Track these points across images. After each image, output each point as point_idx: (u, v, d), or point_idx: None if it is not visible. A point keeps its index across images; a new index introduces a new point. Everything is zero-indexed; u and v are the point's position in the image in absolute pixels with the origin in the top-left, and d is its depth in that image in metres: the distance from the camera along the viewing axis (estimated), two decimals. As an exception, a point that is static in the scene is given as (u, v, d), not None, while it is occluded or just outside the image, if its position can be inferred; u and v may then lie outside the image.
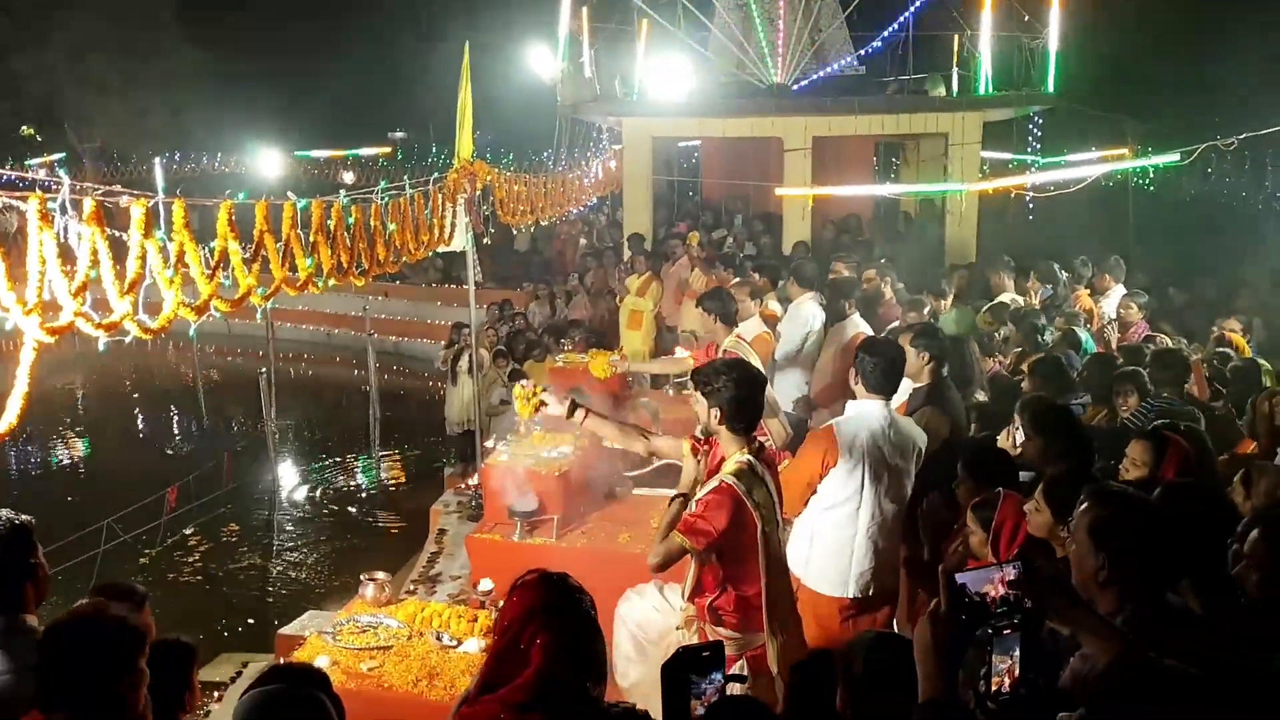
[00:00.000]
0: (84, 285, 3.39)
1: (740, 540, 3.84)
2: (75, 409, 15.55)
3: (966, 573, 2.13)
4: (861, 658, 2.58)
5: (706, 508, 3.83)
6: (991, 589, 2.10)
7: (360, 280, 5.85)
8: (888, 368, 4.52)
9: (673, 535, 3.83)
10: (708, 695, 2.47)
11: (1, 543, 2.96)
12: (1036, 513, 3.50)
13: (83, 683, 2.50)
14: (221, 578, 9.28)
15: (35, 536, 3.05)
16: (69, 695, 2.49)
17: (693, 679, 2.44)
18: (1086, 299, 9.00)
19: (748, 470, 3.88)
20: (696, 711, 2.44)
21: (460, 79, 7.90)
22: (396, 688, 3.98)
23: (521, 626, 2.63)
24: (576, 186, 14.91)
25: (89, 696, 2.49)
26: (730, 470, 3.89)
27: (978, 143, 12.87)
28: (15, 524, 3.00)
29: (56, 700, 2.50)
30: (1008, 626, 2.09)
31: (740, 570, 3.90)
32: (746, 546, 3.85)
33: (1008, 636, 2.08)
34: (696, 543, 3.79)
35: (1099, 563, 2.60)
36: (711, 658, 2.50)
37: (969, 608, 2.07)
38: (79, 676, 2.50)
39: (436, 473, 11.10)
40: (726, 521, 3.78)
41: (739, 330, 6.45)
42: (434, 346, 16.54)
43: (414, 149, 34.58)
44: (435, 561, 7.34)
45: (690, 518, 3.84)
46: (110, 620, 2.61)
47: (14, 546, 2.97)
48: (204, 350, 17.13)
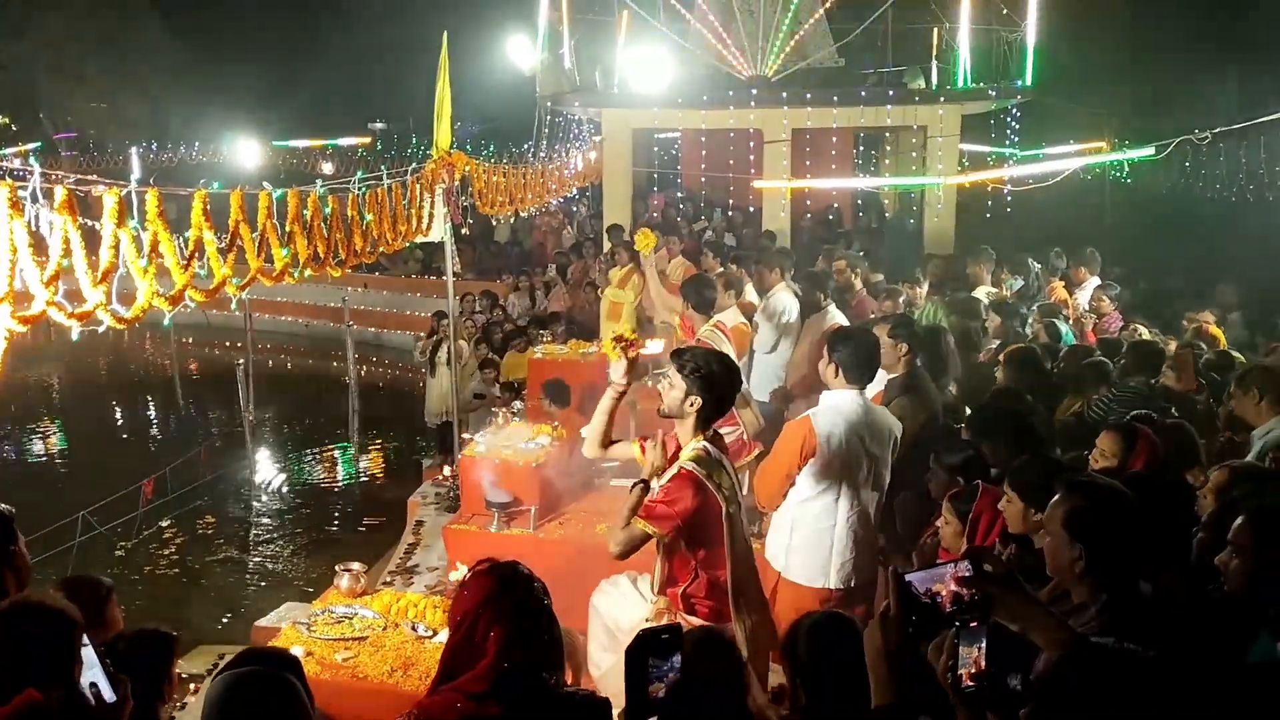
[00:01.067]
0: (56, 274, 3.36)
1: (706, 523, 3.87)
2: (52, 400, 15.44)
3: (916, 572, 2.10)
4: (805, 639, 2.59)
5: (668, 493, 3.85)
6: (942, 588, 2.09)
7: (337, 271, 5.81)
8: (863, 358, 4.53)
9: (635, 522, 3.83)
10: (668, 678, 2.49)
11: None
12: (1009, 504, 3.53)
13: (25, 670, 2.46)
14: (198, 570, 9.23)
15: (15, 525, 3.01)
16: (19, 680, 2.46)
17: (652, 662, 2.46)
18: (1061, 290, 9.09)
19: (705, 455, 3.91)
20: (658, 694, 2.46)
21: (438, 71, 7.88)
22: (371, 678, 3.98)
23: (475, 618, 2.64)
24: (557, 177, 14.88)
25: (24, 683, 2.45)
26: (689, 456, 3.92)
27: (956, 135, 12.94)
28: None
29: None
30: (973, 619, 2.09)
31: (711, 554, 3.93)
32: (712, 530, 3.88)
33: (974, 629, 2.07)
34: (662, 528, 3.81)
35: (1076, 554, 2.62)
36: (670, 640, 2.51)
37: (919, 609, 2.03)
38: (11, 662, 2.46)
39: (415, 464, 11.08)
40: (691, 505, 3.80)
41: (719, 318, 6.47)
42: (413, 338, 16.52)
43: (394, 139, 34.40)
44: (413, 553, 7.33)
45: (652, 503, 3.86)
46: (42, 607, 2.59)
47: None
48: (182, 342, 17.04)
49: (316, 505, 11.00)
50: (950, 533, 3.79)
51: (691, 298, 6.37)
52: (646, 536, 3.84)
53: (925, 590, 2.06)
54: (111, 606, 3.26)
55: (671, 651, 2.48)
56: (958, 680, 2.05)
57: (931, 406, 5.24)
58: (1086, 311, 8.51)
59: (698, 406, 3.94)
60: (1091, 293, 8.89)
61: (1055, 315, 7.69)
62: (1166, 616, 2.67)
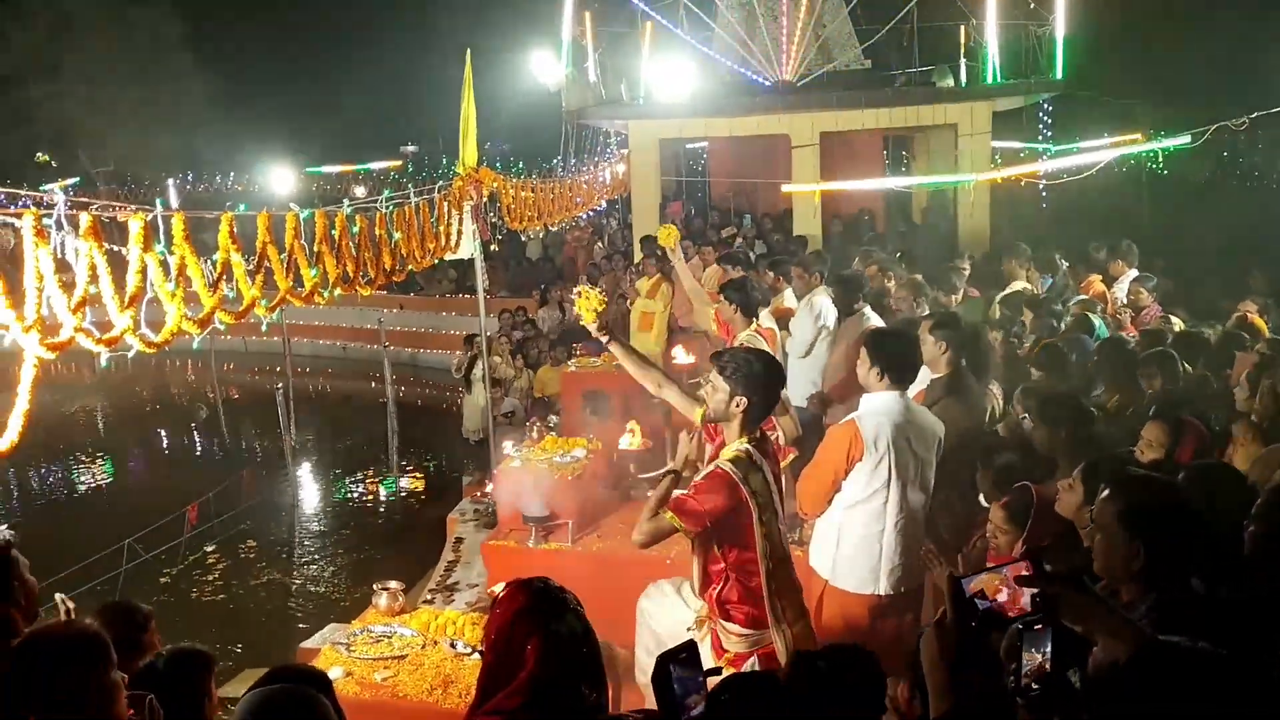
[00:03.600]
0: (83, 301, 3.37)
1: (736, 527, 3.79)
2: (96, 431, 15.62)
3: (971, 576, 2.03)
4: None
5: (699, 490, 3.79)
6: (1000, 591, 2.01)
7: (367, 289, 5.83)
8: (904, 358, 4.44)
9: (662, 513, 3.77)
10: (702, 690, 2.44)
11: None
12: (1069, 491, 3.44)
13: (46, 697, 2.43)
14: (243, 594, 9.28)
15: (15, 553, 2.94)
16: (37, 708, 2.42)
17: (677, 675, 2.42)
18: (1099, 284, 8.91)
19: (745, 458, 3.83)
20: (696, 708, 2.41)
21: (463, 87, 7.91)
22: (411, 697, 3.94)
23: (510, 632, 2.59)
24: (585, 191, 14.89)
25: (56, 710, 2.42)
26: (728, 456, 3.84)
27: (987, 133, 12.78)
28: None
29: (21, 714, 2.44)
30: (1038, 622, 2.01)
31: (740, 557, 3.84)
32: (744, 534, 3.80)
33: (1037, 632, 2.00)
34: (688, 523, 3.74)
35: (1132, 551, 2.54)
36: (689, 658, 2.47)
37: (978, 615, 1.97)
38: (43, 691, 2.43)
39: (455, 482, 11.09)
40: (720, 506, 3.73)
41: (758, 323, 6.39)
42: (449, 357, 16.54)
43: (425, 161, 34.71)
44: (452, 570, 7.31)
45: (682, 497, 3.80)
46: (72, 633, 2.56)
47: None
48: (221, 368, 17.21)
49: (357, 526, 11.03)
50: (1006, 541, 3.66)
51: (736, 300, 6.27)
52: (672, 530, 3.78)
53: (982, 594, 1.99)
54: (150, 634, 3.25)
55: (693, 666, 2.44)
56: (1022, 684, 1.97)
57: (976, 407, 5.12)
58: (1123, 304, 8.34)
59: (743, 407, 3.87)
60: (1129, 285, 8.73)
61: (1091, 309, 7.54)
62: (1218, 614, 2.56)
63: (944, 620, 1.99)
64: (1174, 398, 5.14)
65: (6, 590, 2.91)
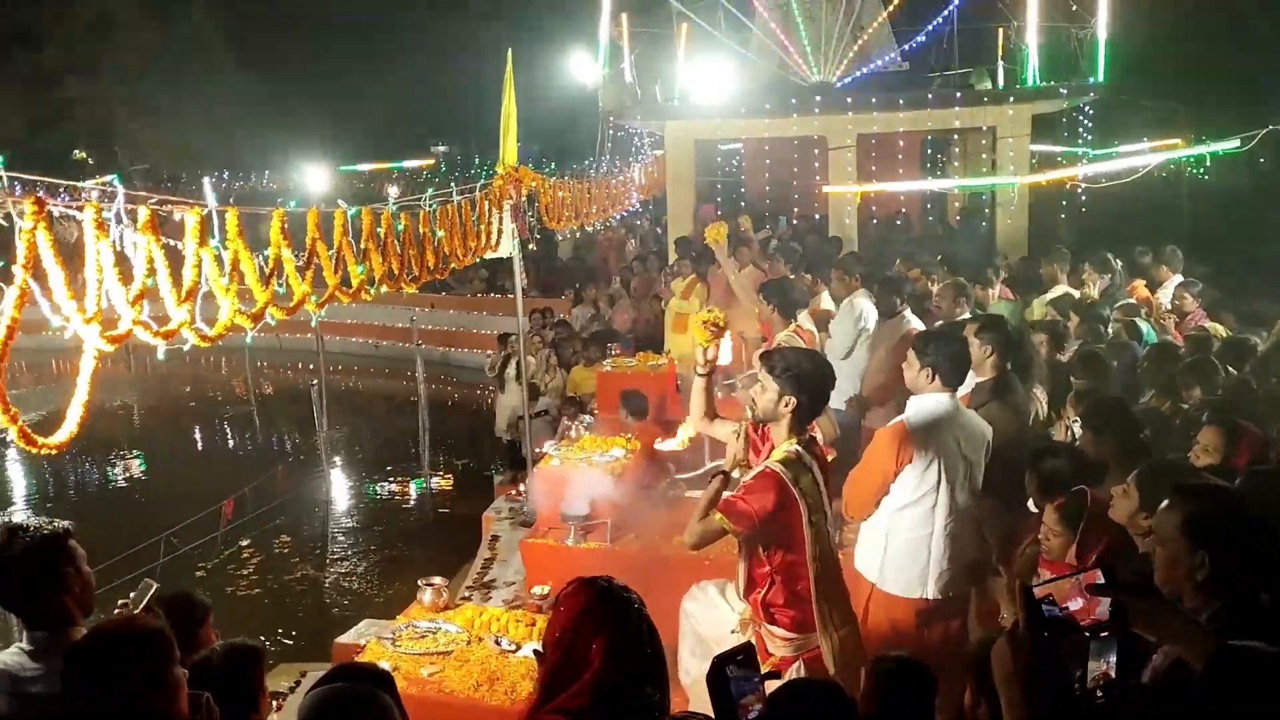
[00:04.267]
0: (141, 294, 3.39)
1: (785, 528, 3.76)
2: (132, 426, 15.78)
3: (1042, 584, 2.01)
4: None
5: (748, 491, 3.76)
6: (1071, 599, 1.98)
7: (411, 287, 5.85)
8: (956, 359, 4.40)
9: (712, 515, 3.75)
10: (758, 690, 2.44)
11: (30, 554, 2.84)
12: (1124, 497, 3.39)
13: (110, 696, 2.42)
14: (277, 589, 9.33)
15: (72, 543, 2.93)
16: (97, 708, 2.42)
17: (732, 673, 2.42)
18: (1143, 289, 8.82)
19: (795, 459, 3.80)
20: (752, 709, 2.41)
21: (504, 87, 7.92)
22: (457, 693, 3.94)
23: (575, 631, 2.57)
24: (619, 191, 14.89)
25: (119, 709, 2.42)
26: (778, 457, 3.81)
27: (1026, 136, 12.68)
28: (44, 534, 2.88)
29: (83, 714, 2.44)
30: (1105, 630, 1.99)
31: (787, 560, 3.81)
32: (793, 536, 3.77)
33: (1104, 639, 1.98)
34: (737, 525, 3.72)
35: (1197, 561, 2.50)
36: (745, 660, 2.47)
37: (1050, 624, 1.94)
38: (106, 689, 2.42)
39: (486, 481, 11.12)
40: (769, 507, 3.70)
41: (796, 324, 6.36)
42: (481, 356, 16.59)
43: (456, 161, 34.87)
44: (489, 568, 7.32)
45: (731, 498, 3.78)
46: (138, 629, 2.56)
47: (43, 558, 2.85)
48: (256, 365, 17.36)
49: (389, 523, 11.09)
50: (1059, 545, 3.61)
51: (775, 300, 6.24)
52: (722, 532, 3.76)
53: (1051, 601, 1.96)
54: (206, 628, 3.27)
55: (750, 668, 2.44)
56: (1089, 693, 1.94)
57: (1022, 411, 5.07)
58: (1168, 310, 8.25)
59: (793, 407, 3.85)
60: (1174, 291, 8.64)
61: (1136, 314, 7.46)
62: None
63: (1017, 630, 1.95)
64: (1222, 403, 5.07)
65: (60, 578, 2.89)
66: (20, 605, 2.90)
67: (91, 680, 2.44)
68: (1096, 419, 4.26)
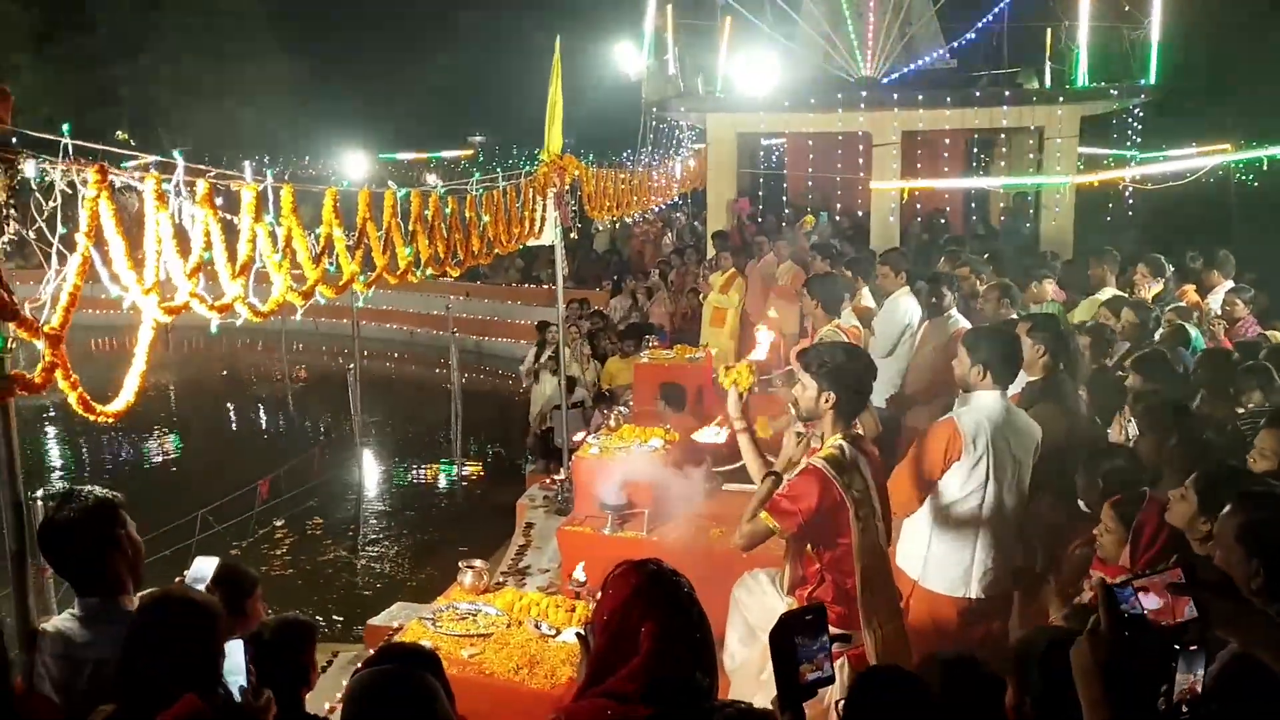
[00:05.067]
0: (198, 266, 3.40)
1: (833, 525, 3.70)
2: (169, 406, 15.95)
3: (1120, 582, 1.96)
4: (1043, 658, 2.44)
5: (793, 489, 3.71)
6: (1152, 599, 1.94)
7: (455, 271, 5.86)
8: (1007, 357, 4.34)
9: (759, 515, 3.71)
10: (817, 659, 2.36)
11: (86, 516, 2.86)
12: (1181, 501, 3.32)
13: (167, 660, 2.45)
14: (310, 570, 9.41)
15: (123, 511, 2.95)
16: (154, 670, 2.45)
17: (800, 642, 2.35)
18: (1193, 294, 8.67)
19: (839, 455, 3.75)
20: (807, 676, 2.34)
21: (550, 75, 7.91)
22: (497, 675, 3.94)
23: (625, 613, 2.53)
24: (660, 183, 14.86)
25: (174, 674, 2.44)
26: (822, 454, 3.76)
27: (1075, 137, 12.49)
28: (98, 497, 2.91)
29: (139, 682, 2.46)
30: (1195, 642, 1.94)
31: (835, 557, 3.76)
32: (839, 533, 3.72)
33: (1194, 652, 1.93)
34: (783, 524, 3.66)
35: (1253, 569, 2.45)
36: (814, 620, 2.39)
37: (1130, 624, 1.90)
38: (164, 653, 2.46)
39: (517, 470, 11.15)
40: (814, 505, 3.65)
41: (839, 320, 6.30)
42: (515, 345, 16.67)
43: (495, 151, 34.96)
44: (524, 554, 7.32)
45: (777, 498, 3.73)
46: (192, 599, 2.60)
47: (97, 521, 2.88)
48: (292, 348, 17.50)
49: (420, 508, 11.15)
50: (1111, 541, 3.55)
51: (819, 295, 6.19)
52: (769, 532, 3.70)
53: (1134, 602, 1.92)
54: (254, 601, 3.28)
55: (818, 631, 2.38)
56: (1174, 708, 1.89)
57: (1073, 412, 4.99)
58: (1217, 316, 8.10)
59: (833, 402, 3.80)
60: (1224, 296, 8.48)
61: (1186, 319, 7.32)
62: None
63: (1097, 628, 1.92)
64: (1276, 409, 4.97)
65: (114, 542, 2.91)
66: (74, 570, 2.92)
67: (152, 643, 2.45)
68: (1156, 421, 4.17)
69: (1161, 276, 8.20)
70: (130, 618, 2.67)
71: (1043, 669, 2.41)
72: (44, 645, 2.82)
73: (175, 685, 2.39)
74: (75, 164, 2.91)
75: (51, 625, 2.87)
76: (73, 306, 2.87)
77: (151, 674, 2.42)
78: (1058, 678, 2.28)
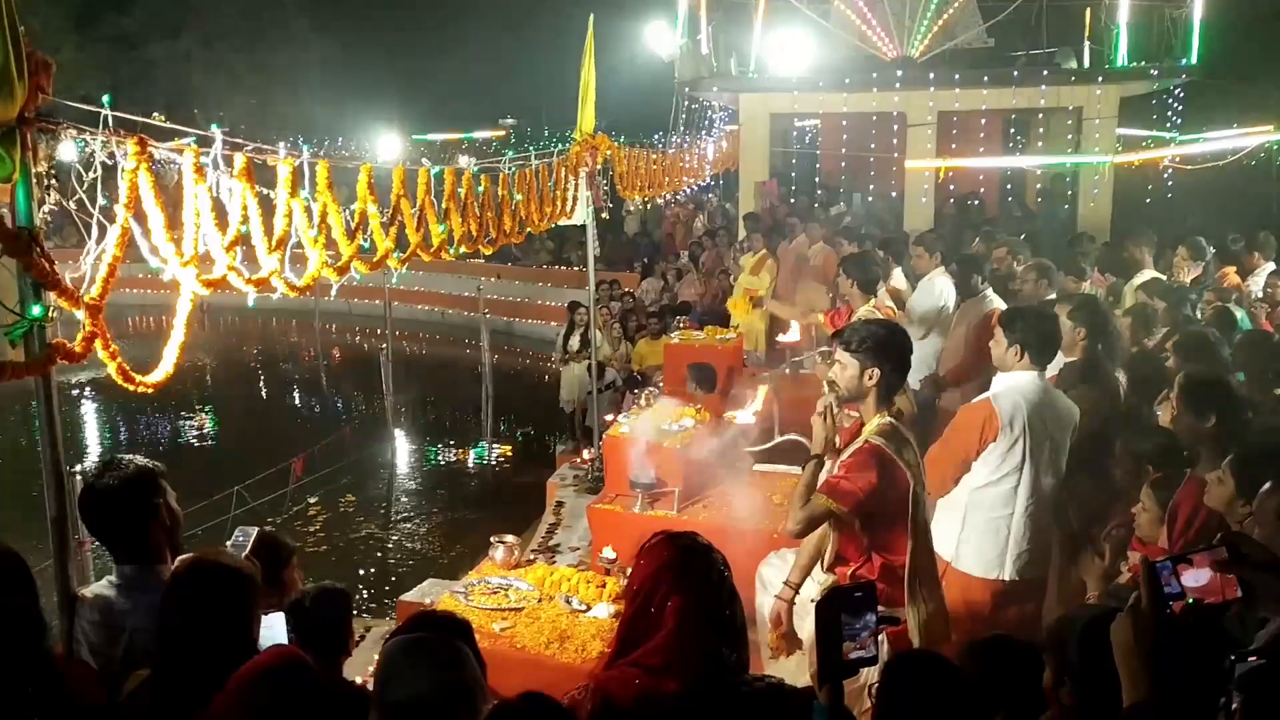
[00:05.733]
0: (236, 240, 3.42)
1: (889, 502, 3.66)
2: (204, 385, 16.14)
3: (1164, 560, 1.95)
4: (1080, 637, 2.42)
5: (850, 469, 3.65)
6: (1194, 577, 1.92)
7: (489, 249, 5.86)
8: (1045, 337, 4.28)
9: (815, 498, 3.64)
10: (862, 638, 2.37)
11: (126, 484, 2.89)
12: (1219, 484, 3.27)
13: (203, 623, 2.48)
14: (343, 546, 9.51)
15: (163, 480, 2.98)
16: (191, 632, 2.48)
17: (845, 620, 2.35)
18: (1234, 276, 8.52)
19: (892, 430, 3.71)
20: (849, 654, 2.35)
21: (584, 54, 7.89)
22: (529, 648, 3.96)
23: (653, 588, 2.56)
24: (692, 164, 14.78)
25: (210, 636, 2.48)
26: (874, 430, 3.72)
27: (1114, 118, 12.30)
28: (139, 465, 2.95)
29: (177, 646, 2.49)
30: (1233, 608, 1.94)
31: (887, 536, 3.72)
32: (895, 510, 3.67)
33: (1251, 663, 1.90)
34: (844, 504, 3.61)
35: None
36: (864, 599, 2.40)
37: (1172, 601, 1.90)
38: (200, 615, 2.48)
39: (547, 451, 11.19)
40: (874, 481, 3.60)
41: (875, 300, 6.25)
42: (545, 327, 16.71)
43: (527, 133, 34.97)
44: (554, 532, 7.35)
45: (833, 479, 3.67)
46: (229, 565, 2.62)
47: (137, 489, 2.90)
48: (325, 328, 17.65)
49: (451, 487, 11.24)
50: (1148, 520, 3.51)
51: (856, 275, 6.14)
52: (829, 513, 3.64)
53: (1177, 579, 1.90)
54: (290, 570, 3.31)
55: (866, 609, 2.38)
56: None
57: (1112, 393, 4.93)
58: (1259, 299, 7.95)
59: (876, 379, 3.76)
60: (1266, 279, 8.34)
61: (1227, 301, 7.19)
62: None
63: (1139, 605, 1.91)
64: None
65: (153, 510, 2.94)
66: (113, 536, 2.95)
67: (186, 607, 2.48)
68: (1195, 400, 4.09)
69: (1202, 260, 8.06)
70: None
71: (1082, 648, 2.38)
72: (83, 612, 2.86)
73: (209, 649, 2.42)
74: (115, 135, 2.93)
75: (90, 592, 2.91)
76: (112, 277, 2.89)
77: (185, 637, 2.45)
78: (1097, 656, 2.27)
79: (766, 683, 2.55)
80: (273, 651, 2.36)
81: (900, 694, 2.45)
